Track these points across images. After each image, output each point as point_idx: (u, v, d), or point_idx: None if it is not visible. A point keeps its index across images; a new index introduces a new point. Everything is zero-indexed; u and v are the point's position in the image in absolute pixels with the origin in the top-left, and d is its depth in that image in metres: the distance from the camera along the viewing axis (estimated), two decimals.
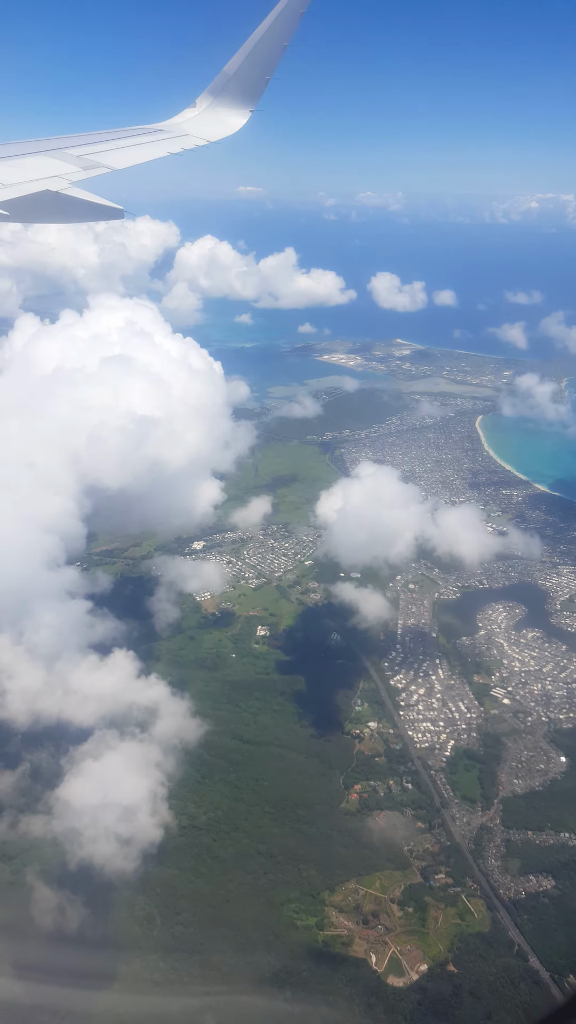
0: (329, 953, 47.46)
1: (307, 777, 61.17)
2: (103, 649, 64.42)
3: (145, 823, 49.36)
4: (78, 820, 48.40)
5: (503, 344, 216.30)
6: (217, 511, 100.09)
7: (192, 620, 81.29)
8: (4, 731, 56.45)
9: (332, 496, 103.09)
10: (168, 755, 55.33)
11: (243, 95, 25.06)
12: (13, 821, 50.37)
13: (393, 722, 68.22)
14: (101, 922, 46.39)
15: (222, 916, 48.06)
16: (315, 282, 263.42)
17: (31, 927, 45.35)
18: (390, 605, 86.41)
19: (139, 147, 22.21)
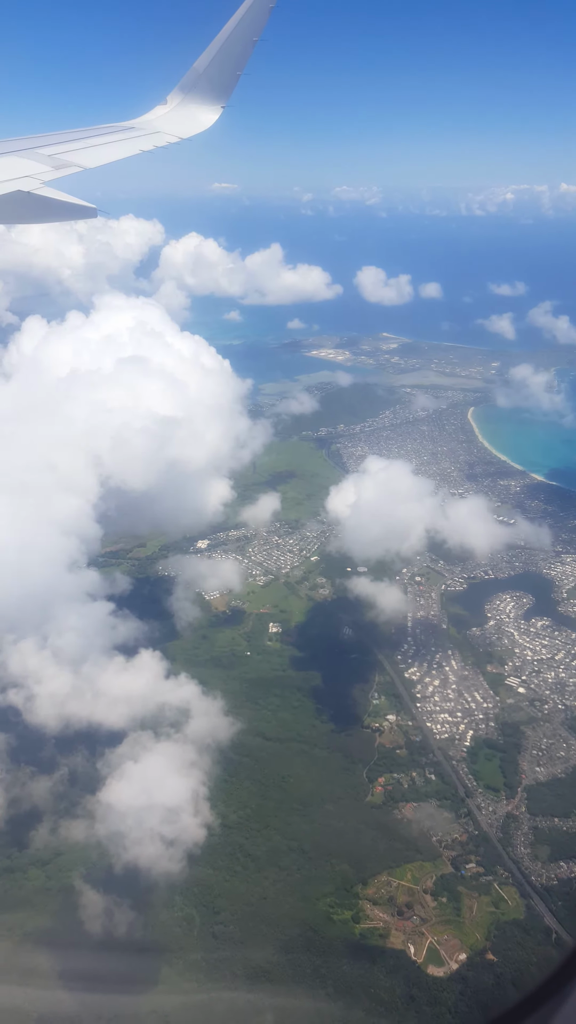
0: (367, 946, 47.71)
1: (331, 772, 61.37)
2: (122, 651, 64.11)
3: (188, 823, 49.32)
4: (120, 823, 48.28)
5: (491, 335, 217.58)
6: (222, 510, 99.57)
7: (203, 619, 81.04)
8: (37, 736, 56.13)
9: (336, 491, 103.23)
10: (203, 755, 55.17)
11: (214, 91, 24.92)
12: (53, 826, 50.13)
13: (411, 714, 68.62)
14: (142, 924, 46.22)
15: (260, 913, 48.12)
16: (301, 278, 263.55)
17: (73, 931, 45.15)
18: (398, 598, 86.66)
19: (111, 145, 22.04)
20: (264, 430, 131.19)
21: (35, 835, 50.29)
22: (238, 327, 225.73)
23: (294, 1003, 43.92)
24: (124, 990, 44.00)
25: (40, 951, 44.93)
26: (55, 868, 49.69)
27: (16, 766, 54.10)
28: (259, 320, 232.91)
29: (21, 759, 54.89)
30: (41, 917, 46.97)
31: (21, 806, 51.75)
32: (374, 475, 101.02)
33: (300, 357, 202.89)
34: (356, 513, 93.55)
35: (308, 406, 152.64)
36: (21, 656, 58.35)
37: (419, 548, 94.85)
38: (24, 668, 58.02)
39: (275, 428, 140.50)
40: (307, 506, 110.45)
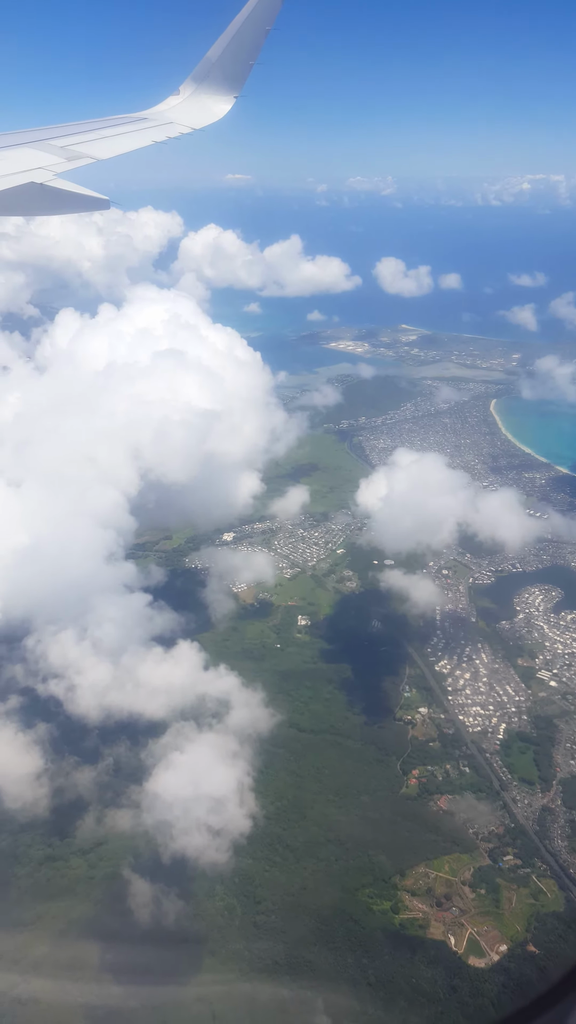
0: (407, 936, 47.94)
1: (365, 764, 61.55)
2: (157, 642, 64.47)
3: (234, 814, 49.70)
4: (166, 813, 48.78)
5: (512, 327, 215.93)
6: (247, 503, 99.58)
7: (232, 611, 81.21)
8: (78, 727, 56.71)
9: (366, 483, 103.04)
10: (244, 746, 55.52)
11: (227, 81, 24.83)
12: (99, 816, 50.70)
13: (443, 707, 68.61)
14: (184, 912, 46.68)
15: (301, 903, 48.47)
16: (320, 269, 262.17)
17: (117, 920, 45.73)
18: (426, 591, 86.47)
19: (123, 136, 21.98)
20: (287, 423, 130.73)
21: (80, 824, 50.89)
22: (257, 319, 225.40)
23: (336, 992, 44.19)
24: (168, 979, 44.40)
25: (84, 939, 45.56)
26: (97, 857, 50.23)
27: (60, 756, 54.63)
28: (278, 312, 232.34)
29: (64, 749, 55.46)
30: (84, 905, 47.56)
31: (66, 795, 52.37)
32: (402, 467, 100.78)
33: (319, 349, 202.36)
34: (384, 505, 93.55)
35: (329, 398, 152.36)
36: (61, 647, 58.96)
37: (446, 541, 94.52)
38: (64, 659, 58.61)
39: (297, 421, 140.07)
40: (331, 499, 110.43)
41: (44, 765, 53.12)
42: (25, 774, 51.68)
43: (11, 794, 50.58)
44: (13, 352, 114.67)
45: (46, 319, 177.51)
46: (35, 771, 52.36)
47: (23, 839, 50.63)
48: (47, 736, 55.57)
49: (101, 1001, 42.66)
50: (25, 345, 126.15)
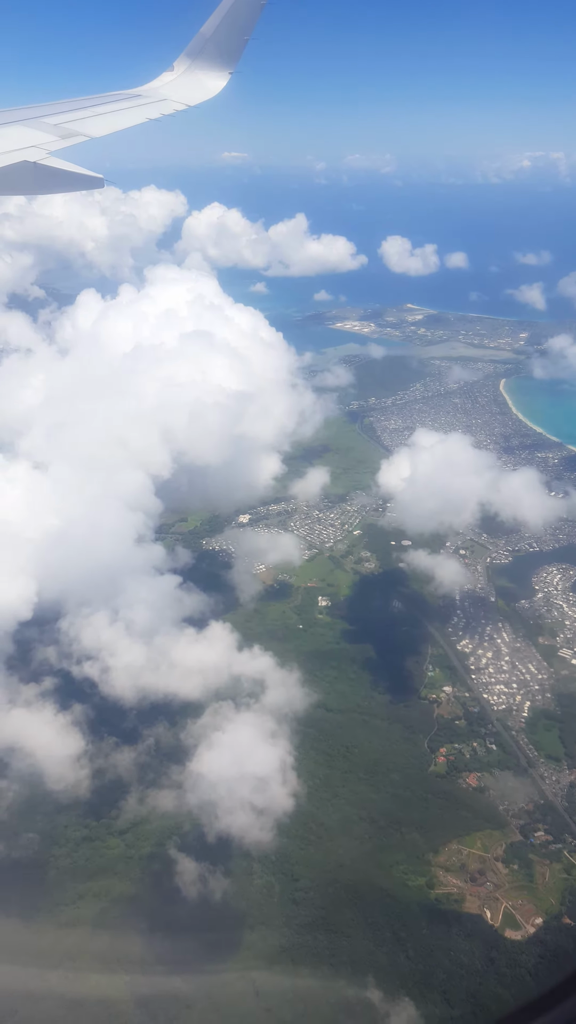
0: (443, 910, 48.54)
1: (393, 742, 61.99)
2: (186, 623, 64.73)
3: (276, 793, 50.13)
4: (209, 793, 49.24)
5: (520, 306, 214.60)
6: (263, 484, 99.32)
7: (253, 593, 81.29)
8: (116, 708, 56.99)
9: (386, 464, 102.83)
10: (282, 725, 55.91)
11: (221, 57, 24.50)
12: (140, 796, 51.10)
13: (467, 686, 69.00)
14: (226, 891, 47.21)
15: (339, 880, 48.99)
16: (326, 248, 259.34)
17: (158, 898, 46.28)
18: (445, 571, 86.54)
19: (117, 114, 21.65)
20: (308, 404, 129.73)
21: (123, 804, 51.29)
22: (263, 299, 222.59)
23: (376, 966, 44.75)
24: (210, 957, 45.01)
25: (126, 918, 46.16)
26: (135, 837, 50.69)
27: (99, 737, 54.95)
28: (283, 292, 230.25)
29: (102, 730, 55.77)
30: (124, 884, 48.10)
31: (107, 776, 52.77)
32: (422, 447, 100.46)
33: (325, 330, 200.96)
34: (404, 486, 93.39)
35: (338, 379, 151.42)
36: (94, 628, 59.10)
37: (462, 521, 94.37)
38: (98, 640, 58.77)
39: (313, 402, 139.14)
40: (345, 480, 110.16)
41: (84, 746, 53.50)
42: (66, 755, 52.07)
43: (53, 775, 50.96)
44: (31, 334, 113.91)
45: (51, 300, 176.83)
46: (75, 752, 52.76)
47: (65, 819, 51.15)
48: (84, 717, 55.92)
49: (146, 980, 43.25)
50: (34, 327, 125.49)
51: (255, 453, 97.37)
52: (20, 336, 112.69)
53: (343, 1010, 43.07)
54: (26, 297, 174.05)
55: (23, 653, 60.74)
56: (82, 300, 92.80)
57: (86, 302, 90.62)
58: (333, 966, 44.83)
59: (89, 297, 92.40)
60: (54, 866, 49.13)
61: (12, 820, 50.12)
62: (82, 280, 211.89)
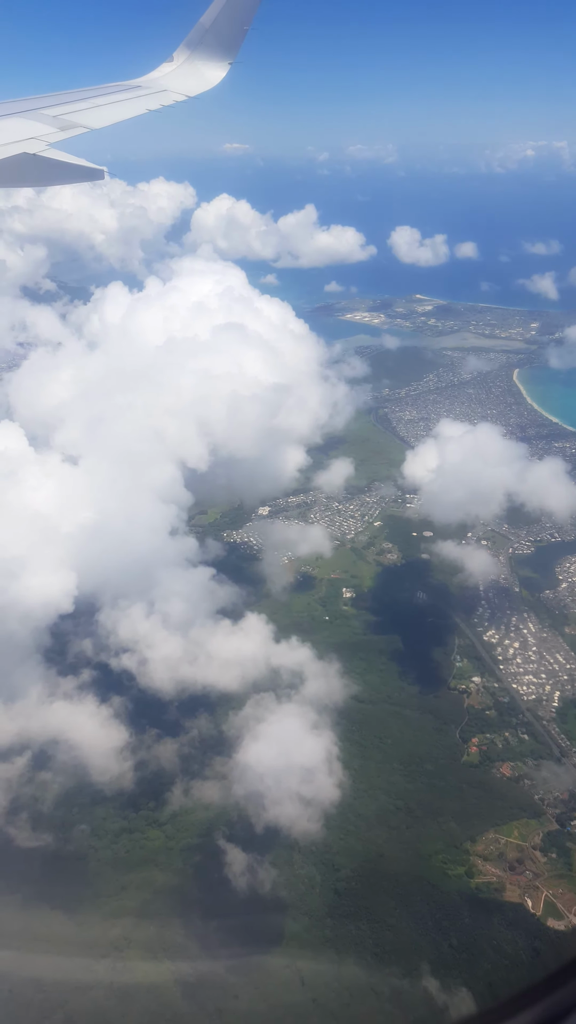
0: (483, 899, 48.63)
1: (425, 733, 61.98)
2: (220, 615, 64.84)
3: (322, 784, 50.19)
4: (253, 784, 49.32)
5: (531, 295, 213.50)
6: (286, 476, 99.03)
7: (277, 585, 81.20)
8: (156, 700, 57.04)
9: (411, 455, 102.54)
10: (323, 716, 55.97)
11: (221, 47, 24.34)
12: (186, 787, 51.22)
13: (496, 676, 68.95)
14: (267, 880, 47.31)
15: (379, 870, 49.08)
16: (335, 239, 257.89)
17: (201, 888, 46.39)
18: (467, 562, 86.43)
19: (117, 105, 21.45)
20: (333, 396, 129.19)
21: (167, 796, 51.43)
22: (273, 291, 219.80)
23: (419, 955, 44.83)
24: (255, 946, 45.16)
25: (171, 906, 46.31)
26: (174, 828, 50.82)
27: (140, 729, 54.99)
28: (293, 283, 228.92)
29: (143, 722, 55.80)
30: (166, 874, 48.21)
31: (149, 768, 52.86)
32: (444, 438, 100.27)
33: (335, 321, 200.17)
34: (426, 477, 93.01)
35: (351, 370, 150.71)
36: (131, 621, 59.08)
37: (484, 512, 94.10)
38: (135, 632, 58.77)
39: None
40: (363, 471, 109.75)
41: (126, 738, 53.54)
42: (109, 747, 52.17)
43: (97, 767, 51.08)
44: (58, 328, 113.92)
45: (63, 293, 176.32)
46: (118, 744, 52.84)
47: (108, 811, 51.33)
48: (124, 709, 55.95)
49: (192, 968, 43.39)
50: (61, 321, 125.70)
51: (274, 445, 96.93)
52: (48, 330, 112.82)
53: (389, 999, 43.17)
54: (37, 290, 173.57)
55: (60, 646, 60.84)
56: (108, 293, 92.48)
57: (112, 295, 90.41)
58: (377, 955, 44.97)
59: (115, 290, 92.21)
60: (95, 857, 49.30)
61: (58, 812, 50.28)
62: (91, 273, 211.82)
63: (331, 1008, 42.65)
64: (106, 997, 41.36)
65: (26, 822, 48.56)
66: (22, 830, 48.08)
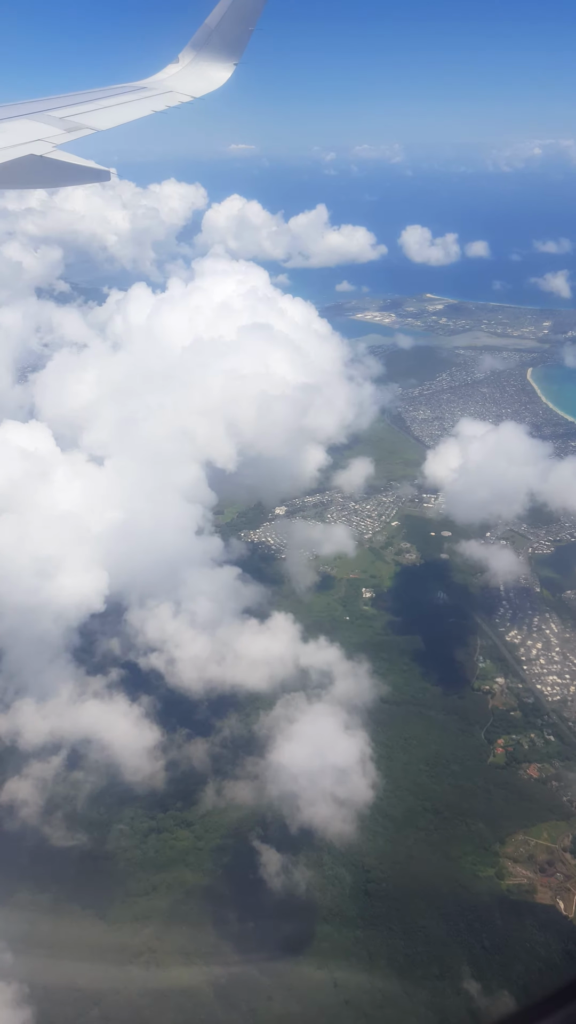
0: (515, 901, 48.37)
1: (450, 734, 61.73)
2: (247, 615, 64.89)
3: (353, 785, 50.03)
4: (288, 784, 49.20)
5: (544, 294, 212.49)
6: (304, 476, 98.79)
7: (295, 585, 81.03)
8: (186, 700, 57.00)
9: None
10: (353, 716, 55.82)
11: (226, 48, 24.33)
12: (218, 787, 51.14)
13: (520, 677, 68.58)
14: (298, 882, 47.14)
15: (409, 872, 48.84)
16: (346, 239, 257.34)
17: (232, 889, 46.26)
18: (487, 562, 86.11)
19: (123, 106, 21.50)
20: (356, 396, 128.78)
21: (198, 796, 51.39)
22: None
23: (452, 956, 44.61)
24: (285, 947, 45.03)
25: (202, 908, 46.20)
26: (203, 828, 50.75)
27: (170, 729, 54.91)
28: (304, 283, 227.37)
29: (173, 722, 55.71)
30: (196, 875, 48.15)
31: (180, 767, 52.81)
32: (463, 438, 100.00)
33: (347, 321, 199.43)
34: (446, 476, 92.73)
35: (363, 370, 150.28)
36: (158, 620, 59.04)
37: (503, 512, 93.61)
38: (162, 632, 58.73)
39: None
40: (379, 470, 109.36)
41: (157, 738, 53.42)
42: (140, 747, 52.09)
43: (129, 766, 51.01)
44: (82, 329, 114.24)
45: (76, 295, 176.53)
46: (149, 744, 52.76)
47: (141, 811, 51.31)
48: (153, 709, 55.84)
49: (224, 971, 43.25)
50: (75, 320, 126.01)
51: (292, 445, 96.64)
52: (72, 331, 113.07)
53: (423, 1001, 42.91)
54: (51, 291, 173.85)
55: (88, 645, 60.84)
56: (132, 294, 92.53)
57: (136, 295, 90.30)
58: (409, 957, 44.75)
59: (138, 291, 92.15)
60: (124, 857, 49.23)
61: (90, 811, 50.28)
62: (103, 274, 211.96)
63: (364, 1010, 42.50)
64: (140, 997, 41.28)
65: (60, 821, 48.58)
66: (56, 829, 48.09)
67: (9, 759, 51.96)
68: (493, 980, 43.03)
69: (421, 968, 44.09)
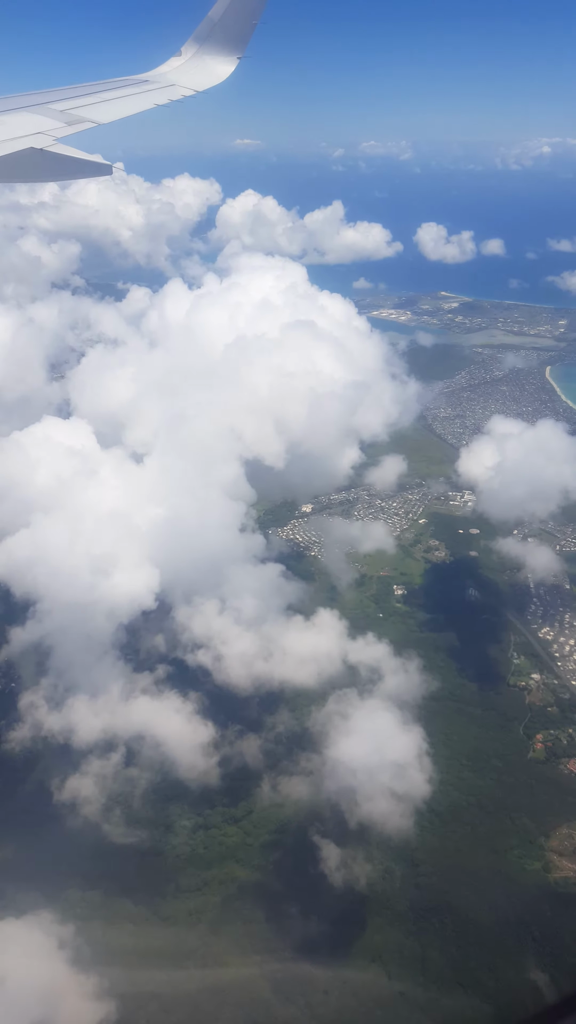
0: (564, 894, 48.74)
1: (489, 729, 62.11)
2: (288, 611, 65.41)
3: (409, 780, 50.48)
4: (346, 779, 49.72)
5: (561, 293, 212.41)
6: (332, 473, 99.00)
7: (327, 583, 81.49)
8: (235, 697, 57.51)
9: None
10: (403, 712, 56.27)
11: (229, 42, 24.15)
12: (274, 783, 51.65)
13: (554, 673, 68.92)
14: (347, 877, 47.65)
15: (458, 865, 49.35)
16: (361, 236, 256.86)
17: (282, 884, 46.81)
18: (516, 559, 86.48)
19: (125, 99, 21.29)
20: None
21: (254, 791, 51.94)
22: None
23: (503, 948, 45.04)
24: (339, 941, 45.52)
25: (256, 902, 46.76)
26: (251, 824, 51.30)
27: (222, 725, 55.41)
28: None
29: (223, 718, 56.23)
30: (247, 870, 48.68)
31: (233, 763, 53.33)
32: (492, 436, 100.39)
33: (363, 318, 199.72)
34: (483, 474, 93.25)
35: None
36: (204, 617, 59.54)
37: (531, 509, 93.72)
38: (208, 629, 59.23)
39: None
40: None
41: (210, 734, 53.93)
42: (194, 744, 52.62)
43: (184, 763, 51.53)
44: (112, 324, 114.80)
45: (92, 290, 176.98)
46: (203, 740, 53.27)
47: (196, 807, 51.97)
48: (203, 705, 56.33)
49: (280, 966, 43.74)
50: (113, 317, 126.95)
51: (325, 443, 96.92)
52: (109, 327, 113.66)
53: (476, 992, 43.32)
54: (67, 286, 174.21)
55: (135, 642, 61.31)
56: (168, 290, 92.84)
57: (173, 291, 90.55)
58: (460, 948, 45.23)
59: (175, 286, 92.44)
60: (173, 853, 49.83)
61: (146, 807, 50.87)
62: (117, 269, 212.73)
63: (419, 1002, 42.95)
64: (198, 993, 41.77)
65: (119, 818, 49.10)
66: (115, 826, 48.65)
67: (65, 756, 52.52)
68: (547, 972, 43.39)
69: (473, 959, 44.55)
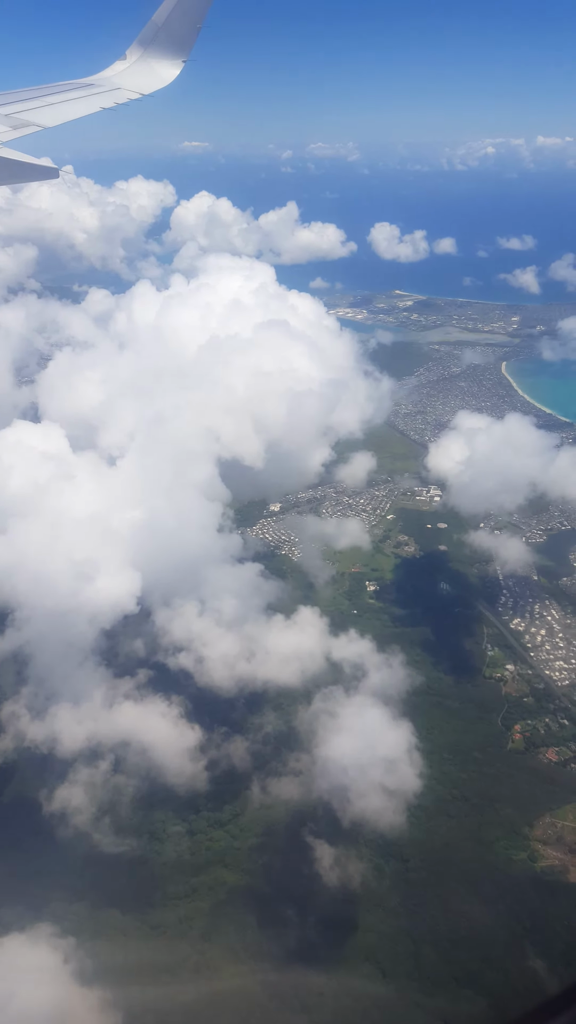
0: (550, 882, 49.21)
1: (468, 722, 62.51)
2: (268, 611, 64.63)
3: (401, 776, 50.13)
4: (337, 777, 49.12)
5: (513, 290, 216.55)
6: (298, 472, 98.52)
7: (301, 580, 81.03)
8: (218, 699, 56.35)
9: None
10: (388, 708, 55.96)
11: (174, 46, 24.30)
12: (262, 785, 50.69)
13: (528, 663, 69.76)
14: (337, 875, 47.19)
15: (447, 859, 49.41)
16: (316, 236, 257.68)
17: (270, 884, 46.05)
18: (484, 552, 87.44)
19: (70, 103, 21.48)
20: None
21: (245, 793, 50.98)
22: None
23: (495, 938, 45.18)
24: (331, 941, 45.03)
25: (246, 905, 45.90)
26: (238, 828, 50.44)
27: (208, 728, 54.25)
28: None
29: (208, 721, 55.07)
30: (235, 875, 47.86)
31: (220, 766, 52.25)
32: (458, 431, 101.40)
33: None
34: (452, 468, 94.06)
35: None
36: (184, 620, 58.30)
37: (502, 502, 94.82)
38: (188, 631, 58.01)
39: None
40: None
41: (197, 738, 52.74)
42: (180, 748, 51.40)
43: (171, 768, 50.27)
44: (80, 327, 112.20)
45: (48, 293, 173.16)
46: (189, 744, 52.08)
47: (183, 812, 50.95)
48: (187, 709, 55.11)
49: (274, 970, 43.03)
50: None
51: (295, 442, 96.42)
52: (77, 329, 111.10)
53: (469, 985, 43.32)
54: (23, 290, 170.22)
55: (112, 647, 59.73)
56: (136, 291, 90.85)
57: (141, 293, 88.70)
58: (453, 942, 45.22)
59: (143, 288, 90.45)
60: (163, 860, 48.68)
61: (134, 814, 49.54)
62: (71, 271, 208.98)
63: (415, 999, 42.76)
64: (195, 1002, 40.78)
65: (105, 827, 47.66)
66: (102, 835, 47.19)
67: (49, 765, 50.79)
68: (541, 960, 43.65)
69: (466, 952, 44.55)
